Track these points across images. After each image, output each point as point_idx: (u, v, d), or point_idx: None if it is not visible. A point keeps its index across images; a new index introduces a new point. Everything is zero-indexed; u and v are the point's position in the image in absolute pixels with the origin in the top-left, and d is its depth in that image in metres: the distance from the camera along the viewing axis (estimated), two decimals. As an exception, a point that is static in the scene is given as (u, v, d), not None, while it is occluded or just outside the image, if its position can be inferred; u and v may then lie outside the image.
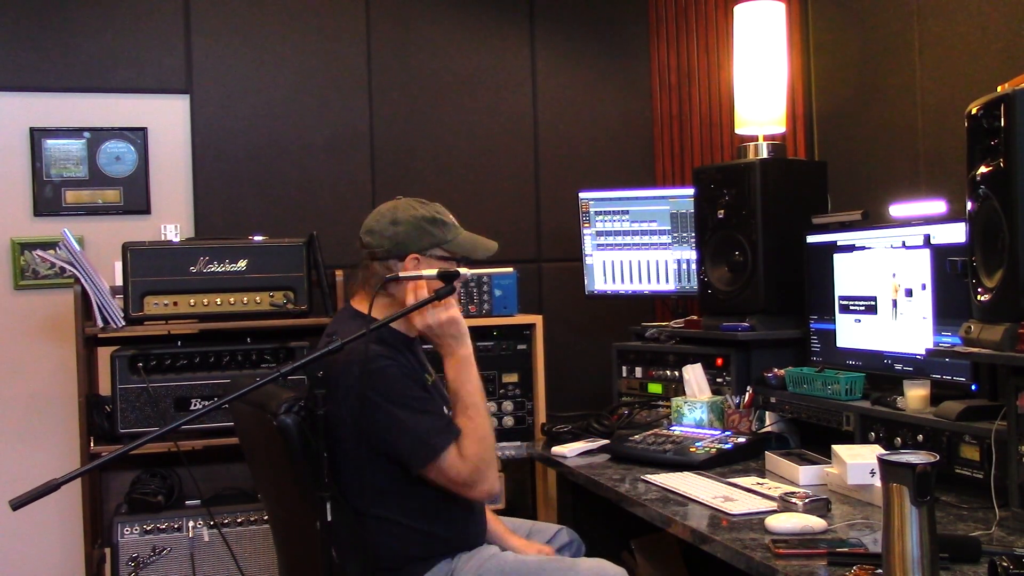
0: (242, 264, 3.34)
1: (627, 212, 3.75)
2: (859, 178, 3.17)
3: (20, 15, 3.76)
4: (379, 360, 2.17)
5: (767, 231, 3.06)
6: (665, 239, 3.69)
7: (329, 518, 1.90)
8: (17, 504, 1.63)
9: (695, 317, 3.44)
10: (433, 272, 2.19)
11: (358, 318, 2.27)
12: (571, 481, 2.96)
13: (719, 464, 2.68)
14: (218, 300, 3.32)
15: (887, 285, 2.65)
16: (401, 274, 2.22)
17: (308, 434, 1.97)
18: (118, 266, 3.37)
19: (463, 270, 2.25)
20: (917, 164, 2.90)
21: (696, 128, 4.11)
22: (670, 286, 3.71)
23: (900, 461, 1.56)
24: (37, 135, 3.78)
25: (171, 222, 3.83)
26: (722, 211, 3.18)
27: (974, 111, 1.97)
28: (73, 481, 1.69)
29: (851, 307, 2.80)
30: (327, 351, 1.99)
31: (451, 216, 2.38)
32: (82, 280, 3.20)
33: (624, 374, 3.53)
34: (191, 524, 3.24)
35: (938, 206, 2.55)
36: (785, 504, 2.19)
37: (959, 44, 2.73)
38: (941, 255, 2.42)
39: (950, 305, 2.40)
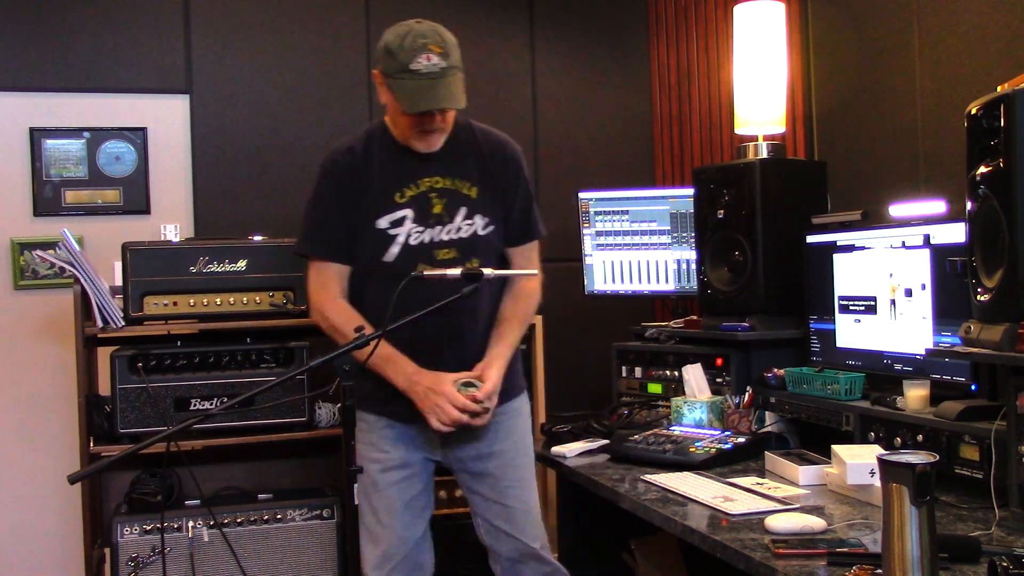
0: (242, 264, 3.34)
1: (627, 212, 3.75)
2: (859, 178, 3.17)
3: (20, 15, 3.76)
4: (336, 146, 2.49)
5: (767, 231, 3.06)
6: (665, 239, 3.69)
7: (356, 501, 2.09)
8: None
9: (695, 317, 3.44)
10: (456, 272, 2.21)
11: (375, 128, 2.53)
12: (571, 481, 2.96)
13: (719, 464, 2.68)
14: (218, 300, 3.32)
15: (887, 285, 2.65)
16: (426, 272, 2.25)
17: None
18: (118, 266, 3.36)
19: (487, 271, 2.24)
20: (917, 164, 2.90)
21: (696, 128, 4.11)
22: (670, 286, 3.71)
23: (900, 461, 1.56)
24: (37, 135, 3.78)
25: (171, 222, 3.83)
26: (722, 211, 3.18)
27: (974, 111, 1.97)
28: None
29: (851, 307, 2.80)
30: (354, 346, 2.04)
31: (422, 60, 2.27)
32: (82, 280, 3.20)
33: (624, 374, 3.53)
34: (191, 524, 3.24)
35: (938, 206, 2.55)
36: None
37: (959, 44, 2.73)
38: (941, 255, 2.42)
39: (950, 305, 2.40)
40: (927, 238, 2.50)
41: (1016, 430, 1.97)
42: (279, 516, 3.32)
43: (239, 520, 3.29)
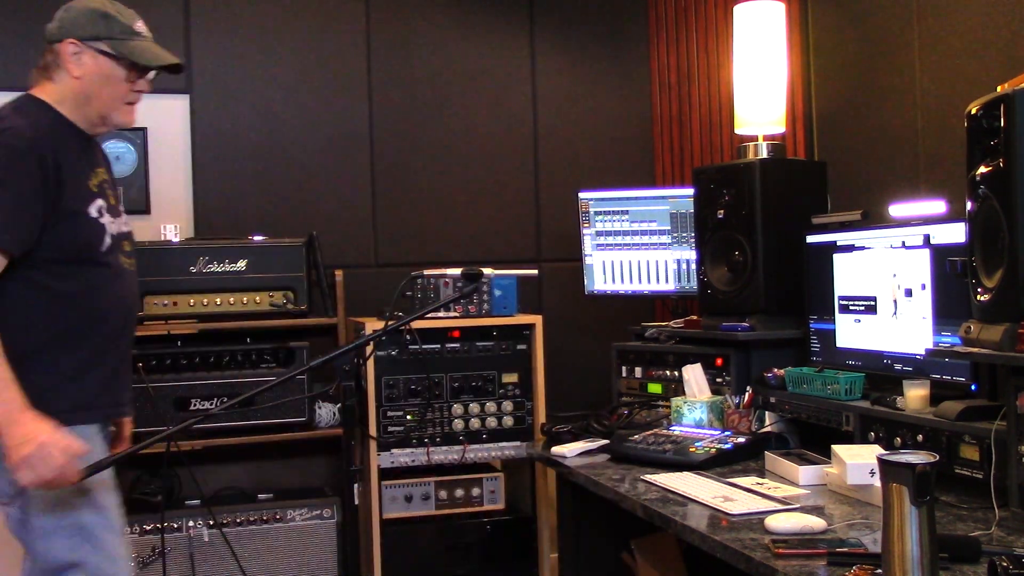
0: (242, 264, 3.35)
1: (627, 212, 3.75)
2: (859, 178, 3.17)
3: (20, 15, 3.76)
4: (19, 126, 2.13)
5: (767, 231, 3.06)
6: (665, 239, 3.69)
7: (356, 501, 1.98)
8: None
9: (695, 317, 3.44)
10: (457, 272, 2.18)
11: (42, 108, 2.24)
12: (571, 481, 2.96)
13: (719, 464, 2.68)
14: (218, 300, 3.33)
15: (887, 285, 2.65)
16: (426, 272, 2.20)
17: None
18: (118, 266, 3.36)
19: (487, 270, 2.21)
20: (917, 164, 2.90)
21: (696, 128, 4.11)
22: (670, 286, 3.71)
23: (900, 461, 1.56)
24: (37, 135, 3.77)
25: (171, 222, 3.83)
26: (722, 211, 3.18)
27: (974, 111, 1.98)
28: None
29: (851, 307, 2.80)
30: (357, 344, 2.02)
31: (140, 25, 2.25)
32: (82, 280, 3.20)
33: (624, 374, 3.53)
34: (191, 524, 3.24)
35: (938, 206, 2.55)
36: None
37: (959, 44, 2.73)
38: (941, 255, 2.42)
39: (950, 305, 2.40)
40: (927, 238, 2.50)
41: (1016, 430, 1.97)
42: (279, 516, 3.32)
43: (239, 520, 3.30)
